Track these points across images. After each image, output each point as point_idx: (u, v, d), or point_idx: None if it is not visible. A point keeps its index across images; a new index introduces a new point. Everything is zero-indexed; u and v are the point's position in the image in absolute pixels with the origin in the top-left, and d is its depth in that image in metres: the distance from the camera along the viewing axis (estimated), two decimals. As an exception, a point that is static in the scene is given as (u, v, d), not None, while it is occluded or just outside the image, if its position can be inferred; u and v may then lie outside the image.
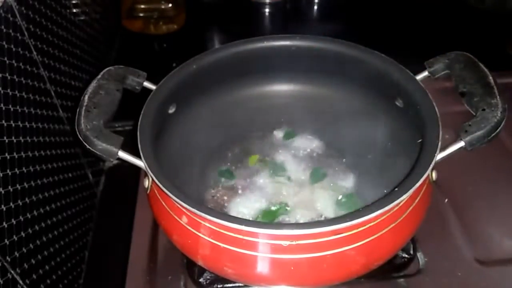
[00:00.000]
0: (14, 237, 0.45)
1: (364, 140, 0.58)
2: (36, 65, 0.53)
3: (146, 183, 0.48)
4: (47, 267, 0.52)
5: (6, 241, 0.44)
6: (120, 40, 0.92)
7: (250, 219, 0.53)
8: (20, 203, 0.47)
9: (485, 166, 0.65)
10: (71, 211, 0.59)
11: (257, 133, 0.63)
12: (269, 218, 0.53)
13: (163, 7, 0.92)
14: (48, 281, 0.51)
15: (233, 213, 0.54)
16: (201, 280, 0.53)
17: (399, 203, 0.40)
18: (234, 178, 0.58)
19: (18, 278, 0.45)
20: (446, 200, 0.61)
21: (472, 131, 0.43)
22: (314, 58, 0.58)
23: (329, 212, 0.54)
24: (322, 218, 0.53)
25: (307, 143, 0.61)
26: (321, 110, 0.61)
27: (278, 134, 0.63)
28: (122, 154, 0.44)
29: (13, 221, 0.45)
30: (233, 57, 0.57)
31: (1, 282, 0.43)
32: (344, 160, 0.59)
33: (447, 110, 0.49)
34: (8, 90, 0.47)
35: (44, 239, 0.52)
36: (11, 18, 0.48)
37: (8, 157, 0.46)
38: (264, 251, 0.41)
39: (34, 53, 0.53)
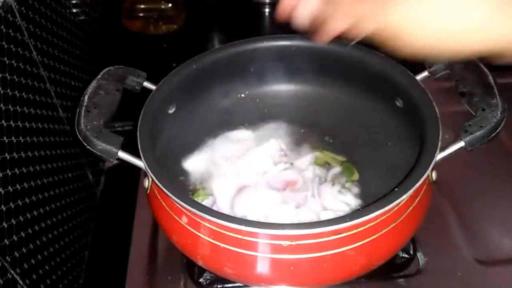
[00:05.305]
0: (14, 237, 0.45)
1: (364, 140, 0.58)
2: (36, 65, 0.53)
3: (146, 183, 0.48)
4: (47, 267, 0.52)
5: (6, 241, 0.44)
6: (120, 40, 0.92)
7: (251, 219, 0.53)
8: (20, 203, 0.47)
9: (485, 166, 0.64)
10: (71, 211, 0.59)
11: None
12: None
13: (163, 7, 0.92)
14: (48, 281, 0.51)
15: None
16: (201, 280, 0.53)
17: (399, 203, 0.40)
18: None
19: (18, 278, 0.45)
20: (446, 200, 0.61)
21: (472, 131, 0.43)
22: (314, 58, 0.58)
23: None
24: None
25: (306, 143, 0.61)
26: (321, 110, 0.62)
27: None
28: (122, 154, 0.44)
29: (13, 221, 0.45)
30: (233, 57, 0.57)
31: (1, 282, 0.43)
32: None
33: (447, 110, 0.49)
34: (8, 90, 0.47)
35: (44, 239, 0.52)
36: (11, 18, 0.48)
37: (8, 157, 0.46)
38: (264, 251, 0.41)
39: (34, 53, 0.53)
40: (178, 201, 0.41)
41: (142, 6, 0.92)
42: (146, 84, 0.53)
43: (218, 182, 0.56)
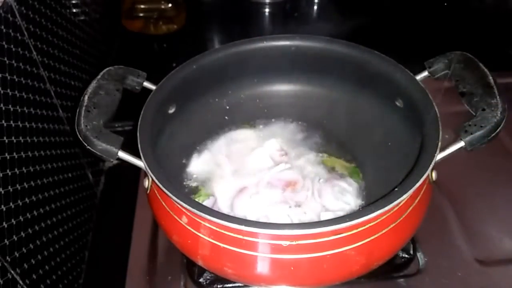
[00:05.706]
0: (14, 237, 0.45)
1: (364, 140, 0.58)
2: (36, 65, 0.53)
3: (146, 183, 0.48)
4: (47, 267, 0.52)
5: (6, 241, 0.44)
6: (120, 40, 0.92)
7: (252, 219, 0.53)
8: (20, 203, 0.47)
9: (485, 166, 0.65)
10: (71, 211, 0.59)
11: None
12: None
13: (163, 7, 0.92)
14: (48, 281, 0.51)
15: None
16: (201, 280, 0.53)
17: (399, 203, 0.40)
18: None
19: (18, 278, 0.45)
20: (446, 200, 0.61)
21: (472, 131, 0.43)
22: (314, 58, 0.58)
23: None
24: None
25: (307, 143, 0.61)
26: (320, 110, 0.62)
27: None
28: (122, 154, 0.44)
29: (13, 221, 0.45)
30: (233, 57, 0.57)
31: (1, 282, 0.43)
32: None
33: (447, 110, 0.49)
34: (8, 90, 0.47)
35: (44, 239, 0.52)
36: (11, 18, 0.48)
37: (8, 157, 0.46)
38: (264, 251, 0.41)
39: (34, 53, 0.53)
40: (178, 201, 0.41)
41: (142, 6, 0.92)
42: (146, 84, 0.53)
43: (219, 182, 0.56)
